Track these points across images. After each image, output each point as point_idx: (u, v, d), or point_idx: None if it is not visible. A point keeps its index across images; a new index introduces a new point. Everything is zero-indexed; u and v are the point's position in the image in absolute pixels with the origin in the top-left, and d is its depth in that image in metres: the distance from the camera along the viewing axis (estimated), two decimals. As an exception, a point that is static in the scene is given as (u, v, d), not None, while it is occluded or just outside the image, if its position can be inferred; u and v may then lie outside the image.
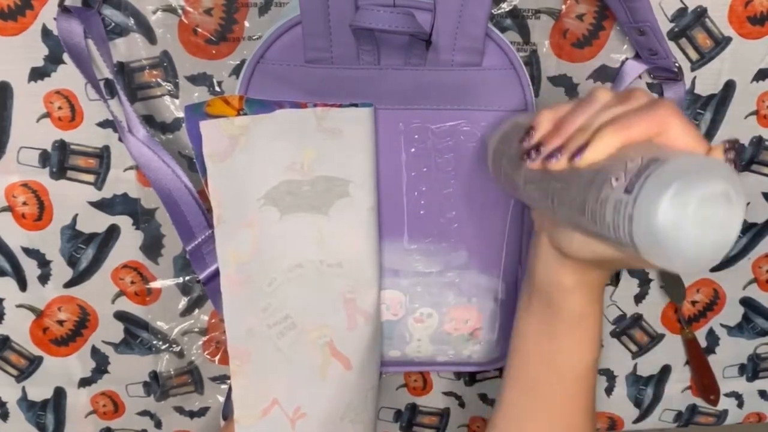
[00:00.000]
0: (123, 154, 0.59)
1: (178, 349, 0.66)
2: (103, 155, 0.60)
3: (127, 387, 0.68)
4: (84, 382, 0.68)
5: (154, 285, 0.64)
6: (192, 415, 0.70)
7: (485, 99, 0.54)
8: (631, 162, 0.34)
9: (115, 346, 0.66)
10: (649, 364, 0.71)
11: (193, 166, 0.53)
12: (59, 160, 0.60)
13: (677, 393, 0.73)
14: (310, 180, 0.54)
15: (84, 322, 0.65)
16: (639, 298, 0.68)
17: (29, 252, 0.63)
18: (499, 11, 0.57)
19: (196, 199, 0.56)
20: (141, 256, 0.63)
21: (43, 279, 0.64)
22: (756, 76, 0.61)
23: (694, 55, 0.60)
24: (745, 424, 0.75)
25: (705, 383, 0.71)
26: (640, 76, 0.60)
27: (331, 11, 0.49)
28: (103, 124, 0.59)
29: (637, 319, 0.69)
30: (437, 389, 0.72)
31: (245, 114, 0.52)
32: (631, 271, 0.67)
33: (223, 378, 0.68)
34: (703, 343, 0.71)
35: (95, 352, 0.66)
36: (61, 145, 0.60)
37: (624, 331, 0.70)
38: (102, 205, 0.62)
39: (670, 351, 0.71)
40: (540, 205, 0.43)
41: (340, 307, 0.56)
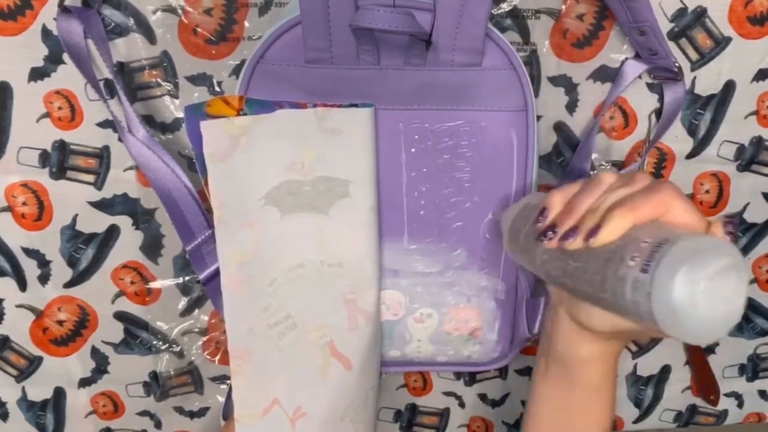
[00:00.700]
0: (123, 154, 0.59)
1: (178, 349, 0.66)
2: (103, 155, 0.60)
3: (127, 387, 0.68)
4: (84, 383, 0.68)
5: (153, 285, 0.64)
6: (192, 415, 0.70)
7: (485, 99, 0.54)
8: (644, 243, 0.38)
9: (114, 347, 0.66)
10: (649, 364, 0.71)
11: (192, 166, 0.53)
12: (59, 160, 0.60)
13: (677, 393, 0.73)
14: (310, 180, 0.54)
15: (84, 323, 0.65)
16: (639, 298, 0.68)
17: (29, 252, 0.63)
18: (498, 11, 0.57)
19: (195, 199, 0.56)
20: (141, 256, 0.63)
21: (43, 279, 0.64)
22: (756, 76, 0.61)
23: (694, 55, 0.60)
24: (745, 424, 0.75)
25: (705, 383, 0.71)
26: (640, 76, 0.60)
27: (331, 11, 0.49)
28: (103, 124, 0.59)
29: (637, 319, 0.69)
30: (437, 389, 0.72)
31: (245, 114, 0.52)
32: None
33: (223, 378, 0.68)
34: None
35: (95, 353, 0.66)
36: (61, 145, 0.60)
37: (624, 331, 0.70)
38: (102, 205, 0.62)
39: (670, 351, 0.71)
40: (558, 281, 0.46)
41: (340, 307, 0.56)
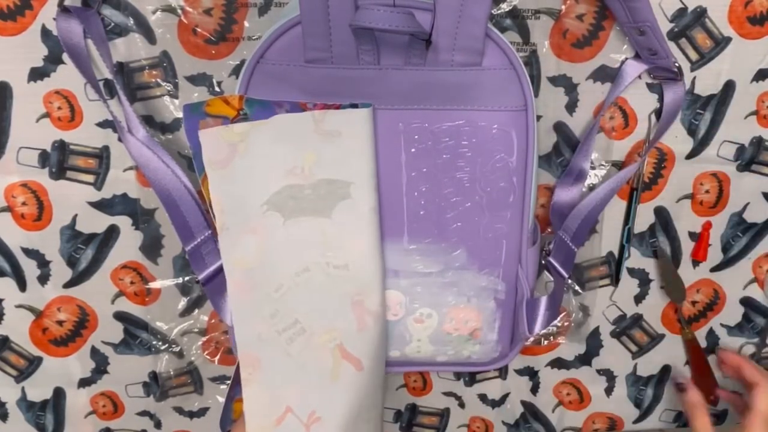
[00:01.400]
0: (122, 155, 0.59)
1: (177, 349, 0.66)
2: (102, 155, 0.60)
3: (126, 387, 0.68)
4: (83, 383, 0.68)
5: (153, 285, 0.64)
6: (191, 415, 0.70)
7: (485, 99, 0.54)
8: None
9: (114, 347, 0.66)
10: (649, 364, 0.71)
11: (192, 166, 0.53)
12: (59, 161, 0.60)
13: (677, 393, 0.73)
14: (311, 184, 0.54)
15: (83, 323, 0.65)
16: (639, 299, 0.68)
17: (29, 252, 0.63)
18: (498, 11, 0.57)
19: (195, 199, 0.56)
20: (140, 257, 0.63)
21: (43, 279, 0.64)
22: (756, 76, 0.61)
23: (694, 55, 0.60)
24: (745, 424, 0.75)
25: (705, 384, 0.71)
26: (640, 76, 0.60)
27: (330, 11, 0.49)
28: (103, 125, 0.59)
29: (637, 319, 0.69)
30: (437, 389, 0.72)
31: (245, 114, 0.52)
32: (631, 272, 0.67)
33: (222, 378, 0.68)
34: (703, 343, 0.71)
35: (95, 353, 0.66)
36: (61, 146, 0.59)
37: (624, 331, 0.70)
38: (101, 206, 0.62)
39: (670, 351, 0.71)
40: None
41: (348, 309, 0.56)
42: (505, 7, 0.57)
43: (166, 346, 0.66)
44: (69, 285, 0.64)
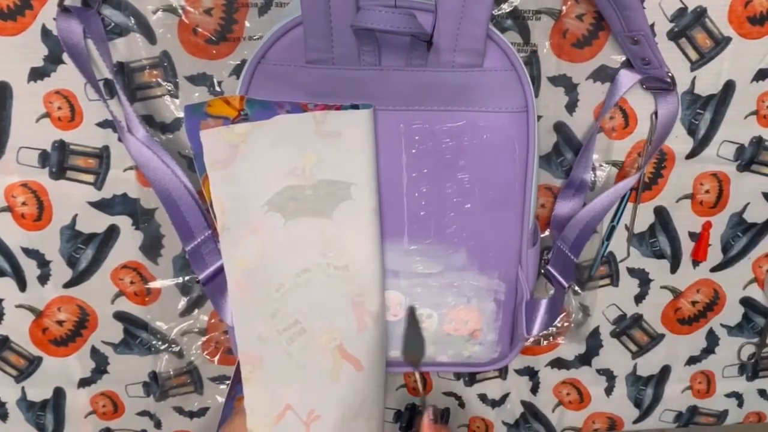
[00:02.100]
0: (122, 155, 0.59)
1: (177, 349, 0.66)
2: (102, 155, 0.60)
3: (126, 387, 0.68)
4: (83, 383, 0.68)
5: (153, 285, 0.64)
6: (191, 415, 0.70)
7: (486, 100, 0.53)
8: None
9: (114, 347, 0.66)
10: (649, 364, 0.71)
11: (192, 166, 0.53)
12: (59, 160, 0.60)
13: (677, 393, 0.73)
14: (312, 184, 0.54)
15: (83, 323, 0.65)
16: (639, 299, 0.68)
17: (29, 252, 0.62)
18: (499, 12, 0.57)
19: (195, 199, 0.56)
20: (140, 257, 0.63)
21: (43, 279, 0.63)
22: (756, 76, 0.61)
23: (694, 55, 0.60)
24: (745, 423, 0.75)
25: None
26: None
27: (332, 12, 0.49)
28: (103, 124, 0.59)
29: (637, 319, 0.69)
30: (437, 389, 0.72)
31: (246, 114, 0.52)
32: (631, 272, 0.67)
33: (222, 378, 0.68)
34: (703, 343, 0.71)
35: (95, 353, 0.66)
36: (61, 145, 0.59)
37: (624, 331, 0.70)
38: (101, 206, 0.62)
39: (670, 351, 0.71)
40: None
41: (348, 310, 0.56)
42: (505, 7, 0.57)
43: (166, 346, 0.66)
44: (69, 285, 0.64)
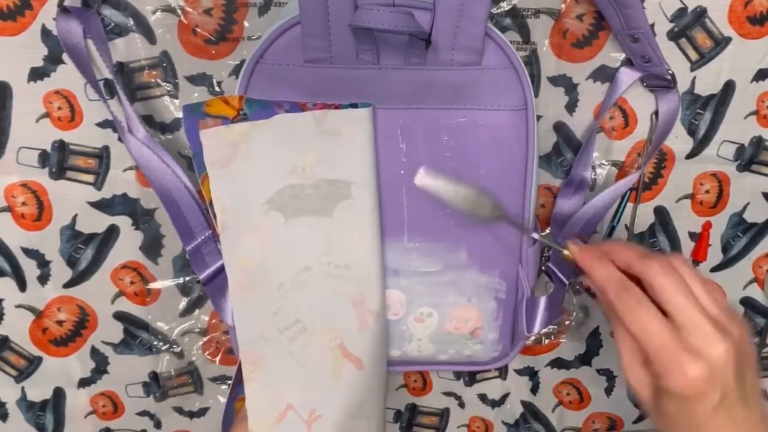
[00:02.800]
0: (122, 155, 0.59)
1: (178, 349, 0.66)
2: (102, 155, 0.60)
3: (126, 387, 0.68)
4: (83, 383, 0.68)
5: (153, 285, 0.64)
6: (192, 415, 0.70)
7: (485, 98, 0.53)
8: None
9: (114, 347, 0.66)
10: (649, 364, 0.71)
11: (192, 166, 0.53)
12: (59, 160, 0.60)
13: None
14: (312, 183, 0.54)
15: (83, 323, 0.65)
16: (639, 298, 0.68)
17: (28, 252, 0.63)
18: (498, 10, 0.57)
19: (195, 199, 0.56)
20: (141, 257, 0.63)
21: (43, 279, 0.64)
22: (756, 76, 0.61)
23: (694, 55, 0.60)
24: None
25: None
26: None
27: (330, 11, 0.49)
28: (103, 125, 0.59)
29: (637, 319, 0.69)
30: (437, 389, 0.72)
31: (245, 114, 0.52)
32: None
33: (222, 378, 0.68)
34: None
35: (95, 353, 0.66)
36: (61, 145, 0.60)
37: (624, 331, 0.69)
38: (101, 206, 0.62)
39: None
40: None
41: (349, 309, 0.56)
42: (504, 6, 0.57)
43: (167, 346, 0.66)
44: (69, 285, 0.64)
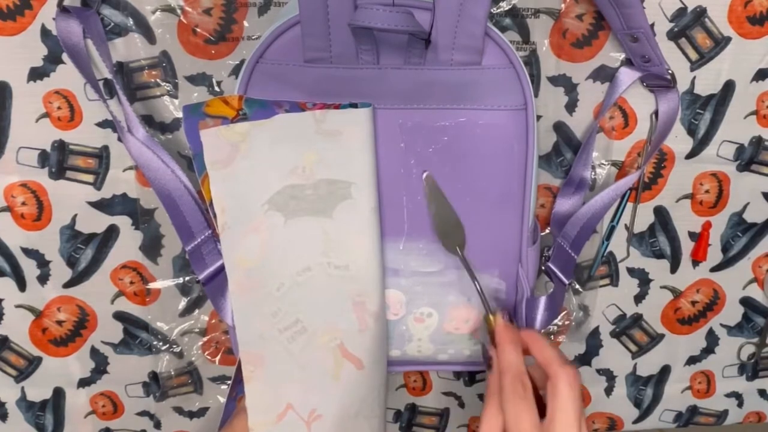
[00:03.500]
0: (122, 155, 0.59)
1: (177, 349, 0.66)
2: (102, 155, 0.60)
3: (126, 387, 0.68)
4: (83, 383, 0.68)
5: (153, 286, 0.64)
6: (191, 415, 0.70)
7: (485, 98, 0.53)
8: None
9: (114, 347, 0.66)
10: (649, 364, 0.71)
11: (192, 166, 0.53)
12: (58, 160, 0.60)
13: (677, 393, 0.73)
14: (312, 183, 0.54)
15: (83, 323, 0.65)
16: (639, 298, 0.68)
17: (28, 252, 0.63)
18: (498, 10, 0.57)
19: (195, 199, 0.56)
20: (140, 257, 0.63)
21: (42, 279, 0.64)
22: (756, 76, 0.61)
23: (694, 55, 0.60)
24: (746, 423, 0.75)
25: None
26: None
27: (330, 11, 0.49)
28: (103, 124, 0.59)
29: (637, 319, 0.69)
30: (437, 389, 0.72)
31: (245, 114, 0.52)
32: (631, 272, 0.67)
33: (222, 378, 0.68)
34: (703, 343, 0.71)
35: (94, 353, 0.66)
36: (60, 145, 0.59)
37: (624, 331, 0.70)
38: (101, 206, 0.62)
39: (670, 351, 0.71)
40: None
41: (349, 309, 0.56)
42: (504, 5, 0.57)
43: (167, 346, 0.66)
44: (69, 285, 0.64)
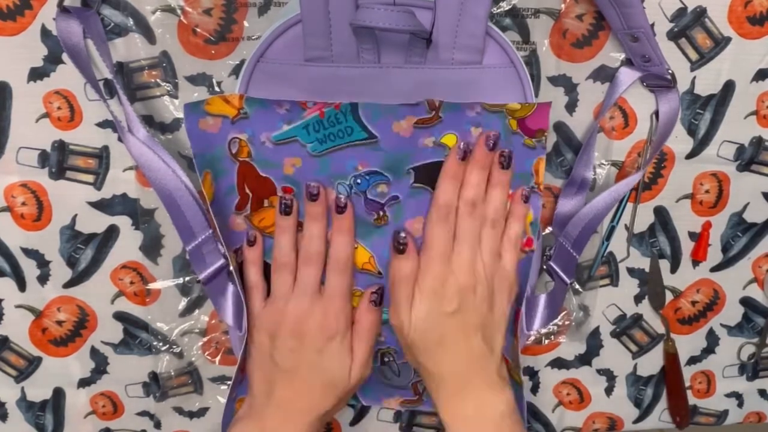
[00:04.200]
0: (122, 155, 0.59)
1: (177, 349, 0.66)
2: (102, 155, 0.60)
3: (126, 387, 0.68)
4: (83, 383, 0.68)
5: (153, 286, 0.64)
6: (191, 415, 0.69)
7: (485, 97, 0.53)
8: None
9: (114, 347, 0.66)
10: (649, 364, 0.71)
11: (192, 166, 0.53)
12: (58, 161, 0.60)
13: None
14: None
15: (83, 323, 0.65)
16: (639, 298, 0.68)
17: (28, 252, 0.62)
18: (498, 10, 0.57)
19: (196, 199, 0.56)
20: (140, 257, 0.63)
21: (42, 279, 0.63)
22: (756, 76, 0.61)
23: (694, 55, 0.60)
24: (745, 423, 0.75)
25: (675, 403, 0.70)
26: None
27: (331, 10, 0.49)
28: (103, 125, 0.59)
29: (637, 319, 0.69)
30: (437, 390, 0.71)
31: (245, 113, 0.52)
32: (631, 272, 0.67)
33: (222, 379, 0.68)
34: (702, 343, 0.71)
35: (94, 353, 0.66)
36: (60, 146, 0.59)
37: (624, 331, 0.69)
38: (101, 206, 0.62)
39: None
40: None
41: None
42: (504, 5, 0.57)
43: (167, 346, 0.66)
44: (69, 285, 0.64)
